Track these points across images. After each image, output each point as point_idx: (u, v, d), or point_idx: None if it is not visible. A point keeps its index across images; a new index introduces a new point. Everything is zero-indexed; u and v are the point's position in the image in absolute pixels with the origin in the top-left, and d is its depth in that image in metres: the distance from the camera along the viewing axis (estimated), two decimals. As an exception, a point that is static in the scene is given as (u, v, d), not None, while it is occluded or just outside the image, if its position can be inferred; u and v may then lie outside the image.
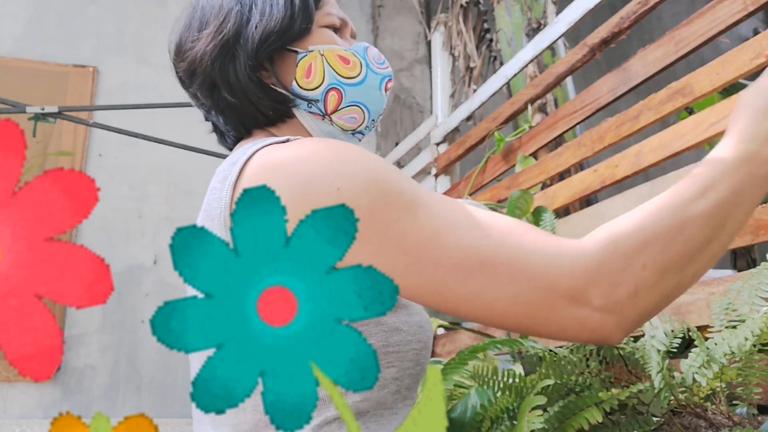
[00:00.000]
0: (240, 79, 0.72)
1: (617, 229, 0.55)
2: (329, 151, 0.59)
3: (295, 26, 0.74)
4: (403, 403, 0.67)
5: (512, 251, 0.54)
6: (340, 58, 0.75)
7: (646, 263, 0.54)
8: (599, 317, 0.53)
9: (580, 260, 0.54)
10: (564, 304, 0.53)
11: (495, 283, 0.54)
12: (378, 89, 0.78)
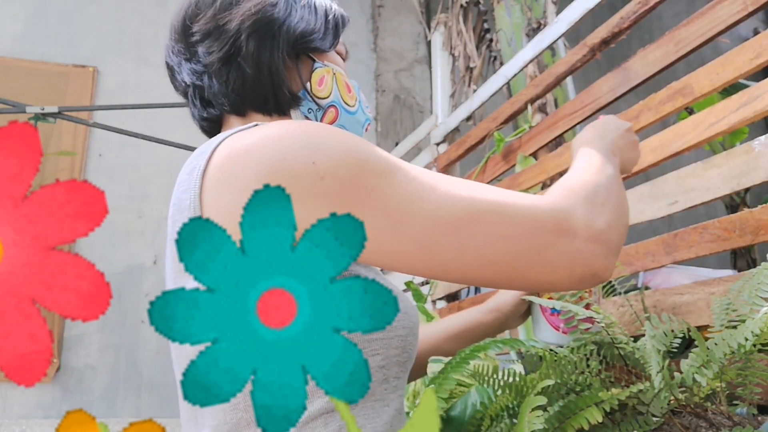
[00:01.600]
0: (273, 59, 0.73)
1: (570, 180, 0.64)
2: (300, 129, 0.59)
3: (327, 38, 0.79)
4: (395, 394, 0.66)
5: (495, 200, 0.58)
6: (346, 84, 0.81)
7: (603, 203, 0.62)
8: (589, 247, 0.58)
9: (556, 202, 0.59)
10: (553, 238, 0.57)
11: (483, 230, 0.56)
12: (361, 126, 0.82)
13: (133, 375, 3.02)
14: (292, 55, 0.76)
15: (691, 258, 1.02)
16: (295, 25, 0.75)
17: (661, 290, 1.02)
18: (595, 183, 0.64)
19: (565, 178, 0.66)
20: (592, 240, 0.58)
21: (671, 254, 1.05)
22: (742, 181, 0.94)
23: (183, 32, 0.75)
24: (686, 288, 0.97)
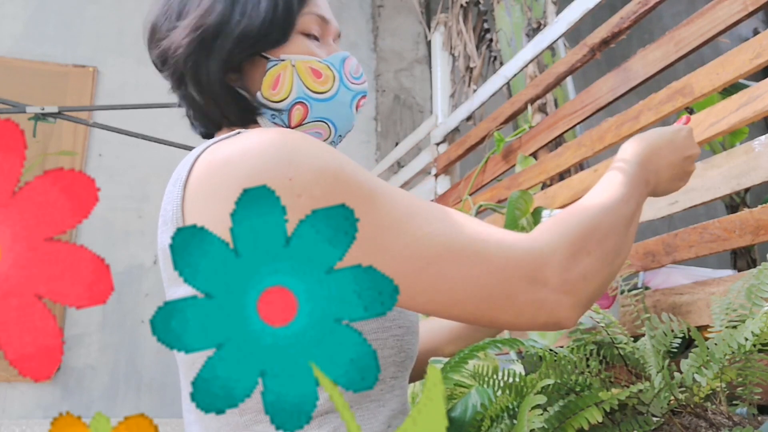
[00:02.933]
0: (210, 79, 0.70)
1: (561, 222, 0.60)
2: (280, 142, 0.58)
3: (272, 34, 0.71)
4: (391, 394, 0.66)
5: (470, 239, 0.56)
6: (312, 70, 0.73)
7: (590, 251, 0.59)
8: (556, 298, 0.56)
9: (535, 246, 0.57)
10: (522, 285, 0.56)
11: (454, 270, 0.55)
12: (348, 106, 0.75)
13: (133, 375, 3.01)
14: (237, 64, 0.71)
15: (691, 258, 1.02)
16: (233, 32, 0.69)
17: (661, 290, 1.02)
18: (595, 224, 0.61)
19: (568, 211, 0.63)
20: (562, 291, 0.56)
21: (671, 254, 1.05)
22: (742, 181, 0.94)
23: (153, 63, 0.76)
24: (686, 288, 0.97)
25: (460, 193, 1.94)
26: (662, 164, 0.73)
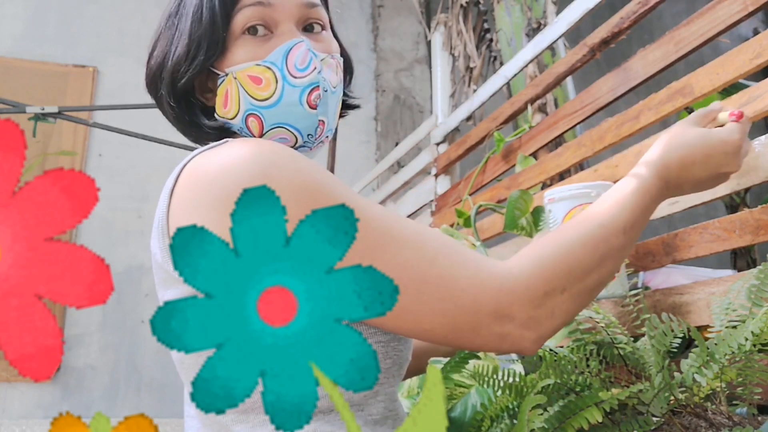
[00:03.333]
0: (167, 109, 0.73)
1: (543, 253, 0.58)
2: (259, 157, 0.57)
3: (200, 51, 0.68)
4: (374, 400, 0.65)
5: (442, 271, 0.55)
6: (251, 78, 0.68)
7: (566, 288, 0.58)
8: (519, 333, 0.56)
9: (507, 282, 0.56)
10: (488, 321, 0.56)
11: (424, 301, 0.55)
12: (298, 104, 0.68)
13: (133, 375, 3.02)
14: (182, 92, 0.72)
15: (691, 258, 1.02)
16: (172, 59, 0.70)
17: (661, 290, 1.02)
18: (579, 259, 0.58)
19: (559, 235, 0.60)
20: (527, 327, 0.56)
21: (671, 254, 1.05)
22: (742, 181, 0.94)
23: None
24: (686, 288, 0.97)
25: (460, 193, 1.94)
26: (689, 178, 0.68)
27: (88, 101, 3.21)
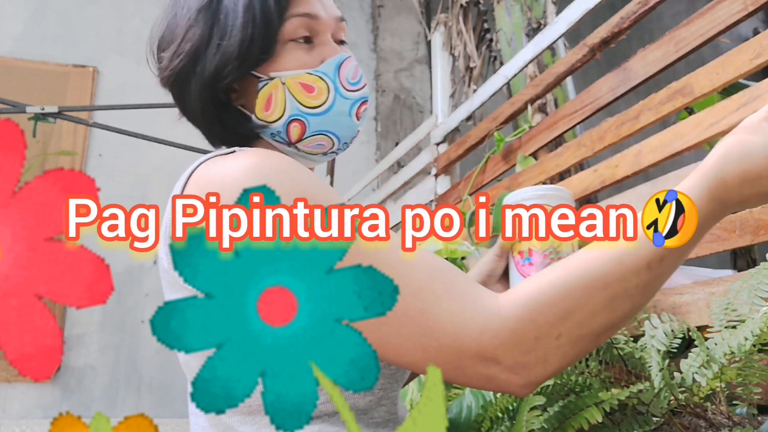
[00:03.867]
0: (195, 108, 0.71)
1: (538, 292, 0.52)
2: (262, 169, 0.57)
3: (253, 53, 0.68)
4: (377, 404, 0.66)
5: (425, 305, 0.52)
6: (303, 86, 0.69)
7: (562, 333, 0.52)
8: (505, 377, 0.52)
9: (493, 324, 0.52)
10: (471, 362, 0.52)
11: (405, 335, 0.52)
12: (347, 115, 0.71)
13: (133, 375, 3.02)
14: (224, 87, 0.70)
15: (691, 258, 1.02)
16: (213, 58, 0.68)
17: (661, 290, 1.02)
18: (580, 299, 0.51)
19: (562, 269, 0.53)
20: (514, 372, 0.52)
21: (671, 254, 1.05)
22: (742, 181, 0.94)
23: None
24: (686, 288, 0.97)
25: (460, 193, 1.94)
26: (755, 194, 0.54)
27: (88, 101, 3.21)
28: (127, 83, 3.32)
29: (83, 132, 3.20)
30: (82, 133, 3.20)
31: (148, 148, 2.64)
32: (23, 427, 2.77)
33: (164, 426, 2.20)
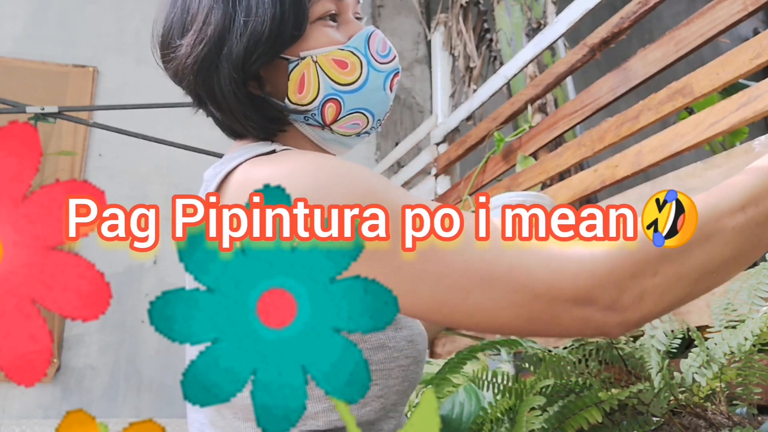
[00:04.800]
0: (225, 95, 0.65)
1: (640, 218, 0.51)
2: (312, 169, 0.56)
3: (286, 30, 0.64)
4: (386, 417, 0.66)
5: (513, 262, 0.52)
6: (336, 62, 0.67)
7: (658, 271, 0.51)
8: (602, 316, 0.52)
9: (586, 265, 0.51)
10: (567, 306, 0.52)
11: (497, 296, 0.52)
12: (382, 89, 0.69)
13: (133, 375, 3.01)
14: (254, 72, 0.65)
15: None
16: (241, 39, 0.63)
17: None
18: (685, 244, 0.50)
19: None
20: (610, 310, 0.52)
21: (671, 254, 1.05)
22: (742, 181, 0.94)
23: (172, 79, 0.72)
24: (686, 288, 0.97)
25: (460, 193, 1.94)
26: None
27: (88, 101, 3.21)
28: (127, 83, 3.32)
29: (83, 132, 3.20)
30: (82, 133, 3.20)
31: (148, 148, 2.64)
32: (23, 427, 2.77)
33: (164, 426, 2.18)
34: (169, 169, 3.20)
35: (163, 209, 0.76)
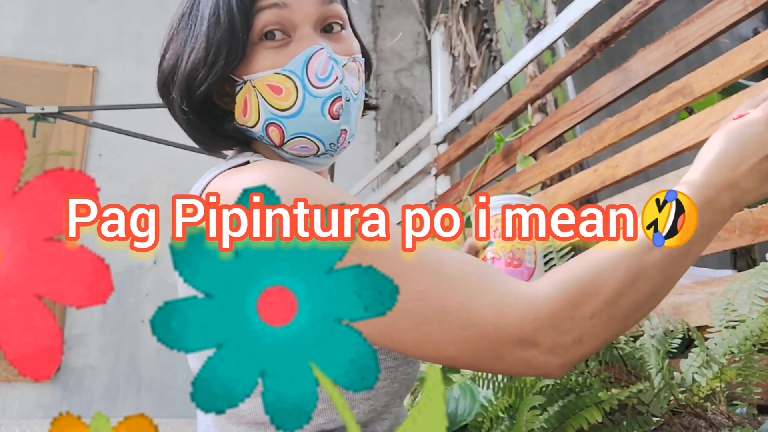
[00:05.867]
0: (178, 114, 0.70)
1: (570, 276, 0.55)
2: (280, 183, 0.56)
3: (219, 58, 0.65)
4: (379, 418, 0.66)
5: (464, 299, 0.54)
6: (270, 88, 0.66)
7: (594, 312, 0.54)
8: (544, 358, 0.54)
9: (531, 308, 0.53)
10: (511, 348, 0.54)
11: (446, 330, 0.53)
12: (320, 115, 0.66)
13: (133, 375, 3.02)
14: (197, 100, 0.68)
15: (691, 258, 1.02)
16: (186, 65, 0.67)
17: (661, 290, 1.02)
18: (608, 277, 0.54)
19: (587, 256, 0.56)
20: (551, 353, 0.54)
21: (671, 254, 1.05)
22: (742, 181, 0.94)
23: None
24: (686, 288, 0.97)
25: (460, 193, 1.94)
26: (740, 174, 0.57)
27: (88, 101, 3.21)
28: (127, 83, 3.32)
29: (83, 132, 3.20)
30: (82, 133, 3.20)
31: (148, 148, 2.64)
32: (23, 427, 2.77)
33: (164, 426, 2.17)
34: (169, 169, 3.20)
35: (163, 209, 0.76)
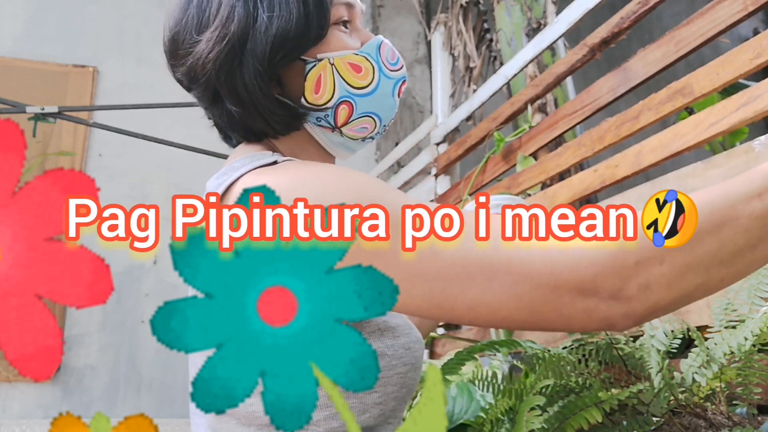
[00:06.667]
0: (249, 90, 0.66)
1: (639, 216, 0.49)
2: (312, 177, 0.58)
3: (311, 30, 0.66)
4: (386, 423, 0.66)
5: (511, 254, 0.51)
6: (351, 66, 0.69)
7: (665, 259, 0.49)
8: (606, 307, 0.50)
9: (587, 253, 0.50)
10: (570, 297, 0.51)
11: (496, 288, 0.51)
12: (391, 96, 0.72)
13: (133, 375, 3.01)
14: (273, 72, 0.67)
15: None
16: (266, 35, 0.64)
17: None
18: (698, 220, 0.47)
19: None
20: (614, 300, 0.50)
21: (671, 254, 1.05)
22: (742, 181, 0.94)
23: (178, 80, 0.72)
24: (686, 288, 0.97)
25: (460, 193, 1.94)
26: None
27: (88, 101, 3.21)
28: (127, 83, 3.32)
29: (83, 132, 3.20)
30: (82, 133, 3.20)
31: (148, 148, 2.64)
32: (23, 427, 2.77)
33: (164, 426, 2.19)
34: (169, 169, 3.20)
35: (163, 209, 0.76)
